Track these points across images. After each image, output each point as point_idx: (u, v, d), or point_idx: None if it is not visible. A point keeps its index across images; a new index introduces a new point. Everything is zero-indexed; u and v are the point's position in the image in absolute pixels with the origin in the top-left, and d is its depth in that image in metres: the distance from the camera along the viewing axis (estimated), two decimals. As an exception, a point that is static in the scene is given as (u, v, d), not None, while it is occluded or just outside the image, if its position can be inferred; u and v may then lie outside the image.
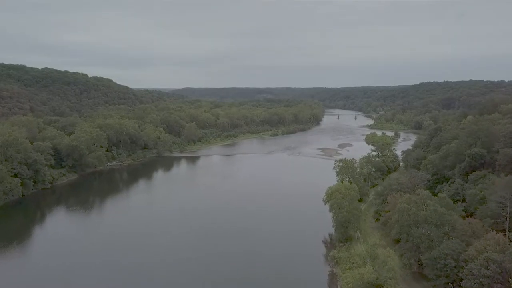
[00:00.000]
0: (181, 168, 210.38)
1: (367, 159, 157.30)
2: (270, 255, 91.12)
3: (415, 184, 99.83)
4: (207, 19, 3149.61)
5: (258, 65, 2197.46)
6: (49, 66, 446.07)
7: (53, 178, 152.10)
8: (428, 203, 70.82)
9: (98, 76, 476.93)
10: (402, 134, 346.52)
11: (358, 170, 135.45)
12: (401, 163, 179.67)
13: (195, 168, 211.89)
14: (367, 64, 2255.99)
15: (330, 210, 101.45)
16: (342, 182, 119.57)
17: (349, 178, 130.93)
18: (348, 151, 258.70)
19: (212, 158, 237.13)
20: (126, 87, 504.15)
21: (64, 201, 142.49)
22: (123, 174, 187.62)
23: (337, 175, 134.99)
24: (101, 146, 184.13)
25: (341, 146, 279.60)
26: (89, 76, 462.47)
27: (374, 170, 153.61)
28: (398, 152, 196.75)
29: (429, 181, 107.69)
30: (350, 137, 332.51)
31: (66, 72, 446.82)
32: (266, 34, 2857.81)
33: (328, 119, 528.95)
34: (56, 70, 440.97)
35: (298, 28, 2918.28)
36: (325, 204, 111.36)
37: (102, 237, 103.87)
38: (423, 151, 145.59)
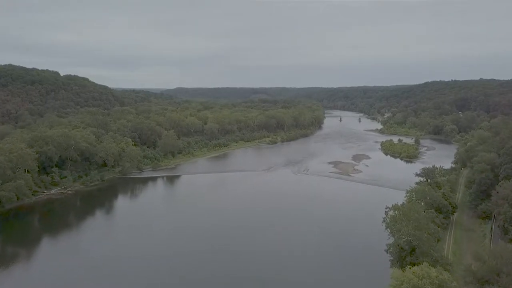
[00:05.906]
0: (147, 198, 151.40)
1: (421, 194, 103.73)
2: None
3: None
4: (202, 18, 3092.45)
5: (252, 65, 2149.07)
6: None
7: None
8: None
9: (72, 75, 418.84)
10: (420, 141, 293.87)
11: (422, 214, 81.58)
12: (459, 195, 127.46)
13: (166, 199, 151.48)
14: (363, 64, 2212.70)
15: None
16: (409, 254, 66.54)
17: (410, 238, 77.50)
18: (367, 165, 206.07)
19: (194, 179, 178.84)
20: (105, 87, 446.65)
21: None
22: (62, 209, 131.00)
23: (387, 228, 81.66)
24: (25, 171, 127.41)
25: (356, 158, 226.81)
26: (61, 74, 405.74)
27: (432, 210, 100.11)
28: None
29: None
30: (362, 145, 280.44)
31: (33, 69, 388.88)
32: (261, 34, 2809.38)
33: (330, 122, 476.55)
34: (20, 67, 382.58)
35: (295, 27, 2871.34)
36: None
37: None
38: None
